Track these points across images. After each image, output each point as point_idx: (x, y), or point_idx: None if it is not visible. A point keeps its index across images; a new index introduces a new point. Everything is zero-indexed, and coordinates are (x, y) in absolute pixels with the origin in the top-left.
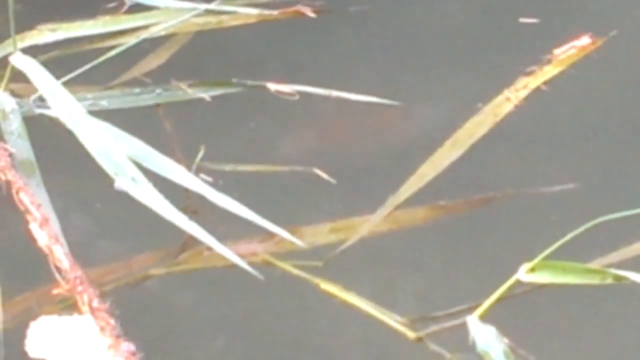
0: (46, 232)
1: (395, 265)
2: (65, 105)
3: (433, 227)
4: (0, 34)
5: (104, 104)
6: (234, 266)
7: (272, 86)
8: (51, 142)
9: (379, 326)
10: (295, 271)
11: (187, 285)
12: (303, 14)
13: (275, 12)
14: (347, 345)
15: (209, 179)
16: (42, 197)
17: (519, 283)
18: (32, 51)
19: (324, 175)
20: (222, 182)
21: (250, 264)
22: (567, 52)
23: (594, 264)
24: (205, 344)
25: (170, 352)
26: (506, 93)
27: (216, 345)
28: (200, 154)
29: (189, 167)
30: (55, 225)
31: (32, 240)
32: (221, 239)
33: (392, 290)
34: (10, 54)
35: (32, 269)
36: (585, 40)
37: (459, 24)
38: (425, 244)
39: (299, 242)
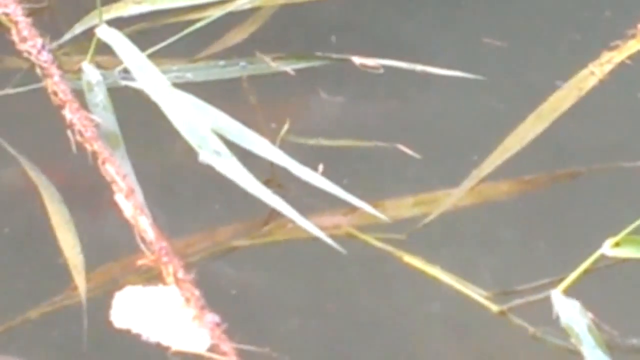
0: (131, 203)
1: (478, 239)
2: (150, 78)
3: (517, 201)
4: (85, 6)
5: (189, 76)
6: (316, 239)
7: (357, 60)
8: (135, 114)
9: (460, 300)
10: (379, 244)
11: (269, 257)
12: None
13: None
14: (428, 319)
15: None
16: (127, 168)
17: (603, 257)
18: (117, 23)
19: (408, 151)
20: (305, 156)
21: (332, 237)
22: None
23: None
24: (285, 317)
25: (250, 325)
26: (590, 67)
27: (296, 319)
28: (285, 127)
29: (273, 141)
30: (139, 196)
31: (116, 210)
32: (304, 212)
33: (475, 264)
34: (95, 26)
35: (116, 239)
36: None
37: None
38: (509, 217)
39: (382, 216)
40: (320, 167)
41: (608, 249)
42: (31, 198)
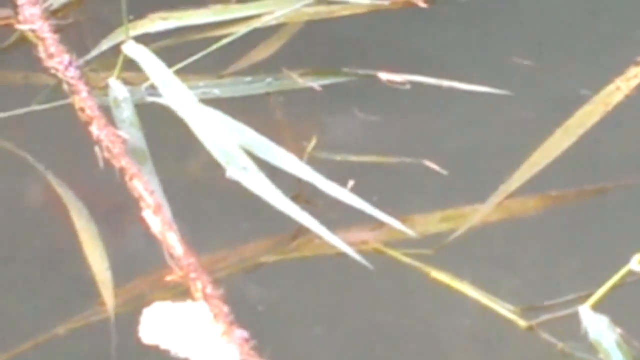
0: (159, 218)
1: (506, 254)
2: (176, 94)
3: (544, 216)
4: (112, 22)
5: (216, 92)
6: (344, 255)
7: (383, 75)
8: (162, 130)
9: (487, 315)
10: (406, 259)
11: (296, 273)
12: (414, 4)
13: (386, 2)
14: (455, 335)
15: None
16: (154, 184)
17: (631, 273)
18: (143, 39)
19: (434, 166)
20: (332, 172)
21: (360, 252)
22: None
23: None
24: (313, 332)
25: (278, 341)
26: (617, 82)
27: (323, 334)
28: (312, 143)
29: (300, 156)
30: (167, 212)
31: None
32: (331, 227)
33: (501, 279)
34: (122, 42)
35: (142, 255)
36: None
37: (568, 13)
38: (536, 233)
39: (409, 231)
40: (350, 183)
41: (636, 264)
42: (55, 214)
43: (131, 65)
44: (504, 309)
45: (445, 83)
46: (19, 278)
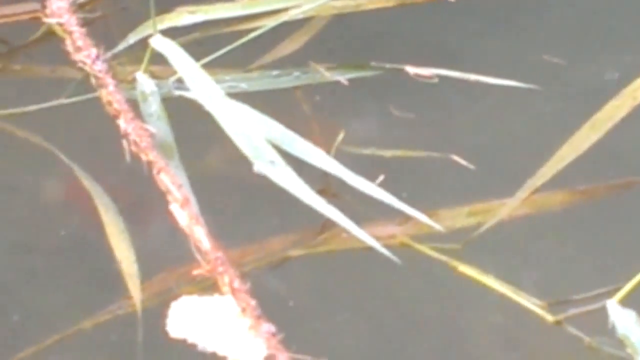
0: (187, 212)
1: (532, 249)
2: (204, 88)
3: (572, 210)
4: (140, 16)
5: (243, 86)
6: (371, 249)
7: (411, 69)
8: (189, 124)
9: (513, 309)
10: (434, 254)
11: (323, 267)
12: None
13: None
14: (481, 329)
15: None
16: (182, 178)
17: None
18: (171, 33)
19: (462, 161)
20: (359, 166)
21: (386, 246)
22: None
23: None
24: (339, 326)
25: (303, 334)
26: None
27: (350, 327)
28: (340, 137)
29: (328, 150)
30: (194, 206)
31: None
32: (359, 221)
33: (528, 273)
34: (150, 35)
35: (169, 250)
36: None
37: (596, 6)
38: (564, 227)
39: (436, 226)
40: (380, 178)
41: None
42: (80, 207)
43: (158, 59)
44: (531, 304)
45: (473, 77)
46: (44, 271)
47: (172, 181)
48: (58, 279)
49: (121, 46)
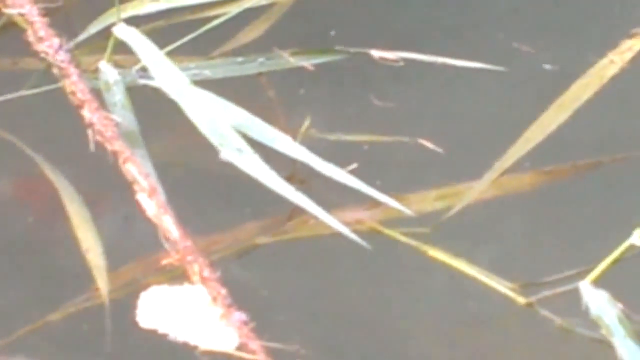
0: (154, 202)
1: (502, 231)
2: (168, 76)
3: (540, 192)
4: (102, 5)
5: (207, 73)
6: (340, 235)
7: (376, 53)
8: (153, 113)
9: (485, 292)
10: (403, 238)
11: (291, 254)
12: None
13: None
14: (453, 313)
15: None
16: (148, 167)
17: (632, 248)
18: (134, 21)
19: (429, 145)
20: (327, 152)
21: (355, 232)
22: None
23: None
24: (310, 313)
25: (274, 322)
26: (610, 56)
27: (321, 313)
28: (306, 123)
29: (294, 137)
30: (161, 195)
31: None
32: (327, 207)
33: (500, 256)
34: (112, 24)
35: (135, 240)
36: None
37: None
38: (533, 209)
39: (406, 210)
40: (353, 166)
41: (638, 238)
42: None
43: (122, 47)
44: (502, 286)
45: (440, 60)
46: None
47: (139, 171)
48: (14, 278)
49: (84, 35)
